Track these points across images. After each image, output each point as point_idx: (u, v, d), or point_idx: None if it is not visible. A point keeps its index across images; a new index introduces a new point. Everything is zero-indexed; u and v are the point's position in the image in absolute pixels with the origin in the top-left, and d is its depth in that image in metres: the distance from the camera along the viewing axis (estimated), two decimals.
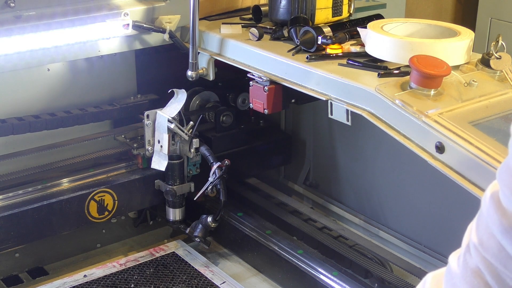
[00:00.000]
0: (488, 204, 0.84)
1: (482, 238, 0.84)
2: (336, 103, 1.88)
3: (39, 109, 2.33)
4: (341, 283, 2.08)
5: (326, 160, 2.69)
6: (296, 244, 2.29)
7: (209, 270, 2.28)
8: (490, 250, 0.83)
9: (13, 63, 2.09)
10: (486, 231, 0.84)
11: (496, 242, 0.82)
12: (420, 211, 2.33)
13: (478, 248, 0.85)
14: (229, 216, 2.45)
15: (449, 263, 0.93)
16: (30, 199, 2.16)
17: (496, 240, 0.82)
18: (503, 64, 1.89)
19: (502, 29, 4.36)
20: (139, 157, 2.35)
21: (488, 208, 0.84)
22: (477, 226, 0.86)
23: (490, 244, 0.83)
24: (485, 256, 0.84)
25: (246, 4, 2.57)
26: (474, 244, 0.86)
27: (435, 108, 1.68)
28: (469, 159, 1.54)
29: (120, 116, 2.46)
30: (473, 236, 0.87)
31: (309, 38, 2.06)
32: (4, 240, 2.10)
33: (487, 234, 0.84)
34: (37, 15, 2.11)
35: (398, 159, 2.36)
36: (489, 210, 0.83)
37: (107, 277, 2.23)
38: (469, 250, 0.87)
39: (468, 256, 0.87)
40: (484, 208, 0.85)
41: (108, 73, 2.50)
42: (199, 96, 2.59)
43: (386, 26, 1.98)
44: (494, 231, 0.82)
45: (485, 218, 0.84)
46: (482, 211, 0.86)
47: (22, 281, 2.33)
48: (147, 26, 2.29)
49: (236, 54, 2.23)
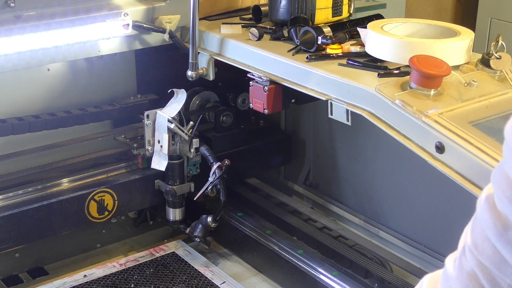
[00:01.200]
0: (483, 207, 0.84)
1: (477, 241, 0.84)
2: (336, 103, 1.88)
3: (39, 109, 2.34)
4: (341, 283, 2.08)
5: (326, 160, 2.69)
6: (296, 244, 2.29)
7: (209, 270, 2.28)
8: (485, 253, 0.83)
9: (13, 63, 2.09)
10: (481, 234, 0.84)
11: (490, 245, 0.82)
12: (420, 211, 2.33)
13: (473, 251, 0.85)
14: (229, 216, 2.45)
15: (445, 266, 0.93)
16: (30, 199, 2.16)
17: (490, 243, 0.82)
18: (503, 64, 1.89)
19: (502, 29, 4.36)
20: (139, 157, 2.35)
21: (482, 211, 0.84)
22: (472, 229, 0.86)
23: (485, 247, 0.83)
24: (480, 259, 0.84)
25: (246, 4, 2.57)
26: (469, 247, 0.86)
27: (435, 108, 1.68)
28: (469, 159, 1.54)
29: (120, 116, 2.45)
30: (468, 239, 0.87)
31: (309, 38, 2.06)
32: (4, 240, 2.10)
33: (481, 237, 0.84)
34: (37, 15, 2.11)
35: (398, 159, 2.36)
36: (483, 213, 0.83)
37: (107, 277, 2.23)
38: (465, 253, 0.87)
39: (464, 259, 0.87)
40: (479, 211, 0.85)
41: (108, 73, 2.50)
42: (199, 96, 2.59)
43: (386, 26, 1.98)
44: (489, 234, 0.82)
45: (480, 221, 0.84)
46: (477, 214, 0.86)
47: (22, 281, 2.33)
48: (147, 26, 2.29)
49: (236, 54, 2.23)
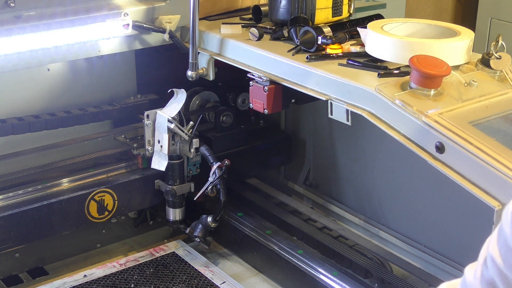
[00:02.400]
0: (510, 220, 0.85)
1: (500, 251, 0.86)
2: (336, 103, 1.88)
3: (39, 109, 2.34)
4: (341, 283, 2.08)
5: (326, 160, 2.69)
6: (296, 244, 2.29)
7: (209, 270, 2.28)
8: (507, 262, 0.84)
9: (13, 63, 2.10)
10: (504, 245, 0.85)
11: None
12: (420, 211, 2.33)
13: (495, 261, 0.86)
14: (229, 216, 2.45)
15: (464, 274, 0.94)
16: (30, 199, 2.16)
17: None
18: (503, 64, 1.89)
19: (502, 29, 4.36)
20: (139, 157, 2.35)
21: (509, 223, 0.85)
22: (497, 240, 0.88)
23: (507, 257, 0.84)
24: (501, 269, 0.85)
25: (246, 4, 2.57)
26: (491, 256, 0.87)
27: (435, 108, 1.68)
28: (469, 159, 1.54)
29: (120, 116, 2.46)
30: (491, 249, 0.88)
31: (309, 38, 2.06)
32: (4, 240, 2.10)
33: (505, 247, 0.85)
34: (37, 15, 2.11)
35: (398, 159, 2.36)
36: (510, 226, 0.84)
37: (107, 277, 2.23)
38: (486, 262, 0.88)
39: (485, 268, 0.89)
40: (504, 222, 0.86)
41: (108, 73, 2.50)
42: (199, 96, 2.59)
43: (386, 26, 1.98)
44: None
45: (504, 233, 0.85)
46: (502, 226, 0.87)
47: (22, 281, 2.33)
48: (147, 26, 2.29)
49: (236, 54, 2.23)
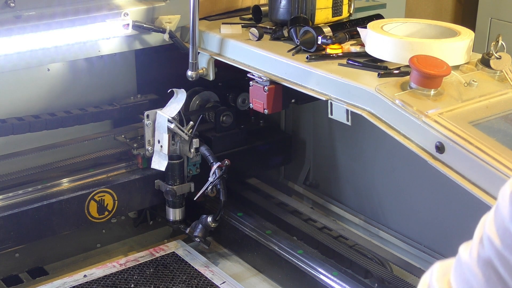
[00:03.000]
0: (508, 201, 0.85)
1: (498, 232, 0.85)
2: (336, 103, 1.88)
3: (39, 109, 2.34)
4: (341, 283, 2.08)
5: (326, 160, 2.69)
6: (296, 244, 2.29)
7: (209, 270, 2.28)
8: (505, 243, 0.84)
9: (13, 63, 2.10)
10: (501, 227, 0.85)
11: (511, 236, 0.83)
12: (420, 211, 2.33)
13: (493, 242, 0.86)
14: (229, 216, 2.45)
15: (459, 253, 0.94)
16: (30, 199, 2.16)
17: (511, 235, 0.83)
18: (503, 64, 1.89)
19: (502, 29, 4.35)
20: (139, 157, 2.35)
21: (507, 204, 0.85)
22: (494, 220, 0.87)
23: (505, 238, 0.84)
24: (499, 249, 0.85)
25: (246, 4, 2.57)
26: (488, 237, 0.87)
27: (435, 108, 1.68)
28: (469, 159, 1.54)
29: (120, 116, 2.46)
30: (487, 229, 0.88)
31: (309, 38, 2.06)
32: (4, 240, 2.10)
33: (502, 228, 0.85)
34: (37, 15, 2.11)
35: (398, 159, 2.36)
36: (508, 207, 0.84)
37: (107, 277, 2.23)
38: (482, 241, 0.88)
39: (481, 247, 0.89)
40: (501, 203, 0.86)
41: (108, 73, 2.50)
42: (199, 96, 2.59)
43: (386, 26, 1.98)
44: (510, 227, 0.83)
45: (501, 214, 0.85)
46: (499, 205, 0.87)
47: (22, 281, 2.33)
48: (147, 26, 2.29)
49: (236, 54, 2.23)
